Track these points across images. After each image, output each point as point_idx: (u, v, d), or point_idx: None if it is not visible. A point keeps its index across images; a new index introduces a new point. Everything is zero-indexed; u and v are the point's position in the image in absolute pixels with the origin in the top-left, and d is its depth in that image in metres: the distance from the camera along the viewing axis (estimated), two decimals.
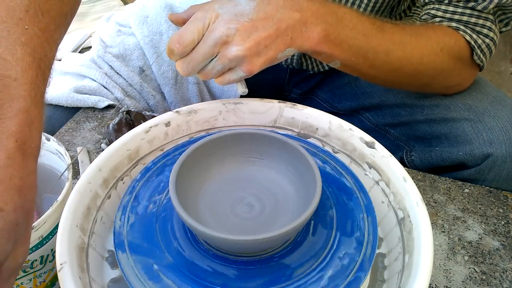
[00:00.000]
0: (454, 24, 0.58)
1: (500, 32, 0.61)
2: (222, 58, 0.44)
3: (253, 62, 0.44)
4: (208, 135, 0.43)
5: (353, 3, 0.66)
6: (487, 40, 0.59)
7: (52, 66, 0.38)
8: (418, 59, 0.56)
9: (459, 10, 0.58)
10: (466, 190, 0.60)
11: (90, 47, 0.95)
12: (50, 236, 0.43)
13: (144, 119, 0.63)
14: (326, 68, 0.78)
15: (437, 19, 0.60)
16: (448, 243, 0.52)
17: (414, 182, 0.41)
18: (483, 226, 0.55)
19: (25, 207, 0.30)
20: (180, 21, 0.50)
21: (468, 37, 0.58)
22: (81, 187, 0.40)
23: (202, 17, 0.44)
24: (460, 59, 0.59)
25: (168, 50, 0.45)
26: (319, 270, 0.36)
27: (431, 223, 0.38)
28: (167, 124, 0.49)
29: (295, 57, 0.75)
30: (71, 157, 0.54)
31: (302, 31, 0.46)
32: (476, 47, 0.59)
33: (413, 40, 0.55)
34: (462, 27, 0.58)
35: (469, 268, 0.50)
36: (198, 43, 0.44)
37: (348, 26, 0.49)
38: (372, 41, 0.51)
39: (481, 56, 0.59)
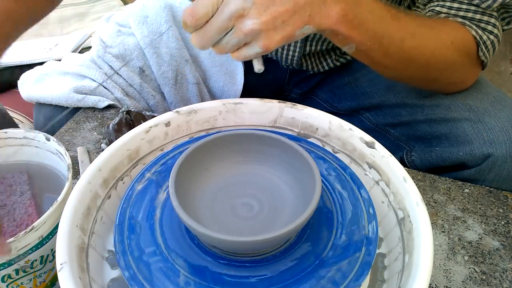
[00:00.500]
0: (459, 20, 0.59)
1: (502, 31, 0.61)
2: (237, 32, 0.42)
3: (270, 37, 0.43)
4: (208, 135, 0.43)
5: None
6: (491, 37, 0.59)
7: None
8: (430, 51, 0.56)
9: (464, 7, 0.58)
10: (466, 190, 0.60)
11: (90, 47, 0.95)
12: (50, 236, 0.43)
13: (144, 119, 0.63)
14: (326, 68, 0.78)
15: (442, 15, 0.60)
16: (448, 243, 0.52)
17: (414, 182, 0.41)
18: (483, 226, 0.55)
19: None
20: None
21: (474, 33, 0.58)
22: (81, 187, 0.40)
23: None
24: (468, 54, 0.59)
25: (183, 22, 0.44)
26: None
27: (431, 223, 0.38)
28: (167, 124, 0.49)
29: (295, 57, 0.75)
30: (71, 157, 0.54)
31: (321, 8, 0.45)
32: (481, 42, 0.59)
33: (426, 31, 0.55)
34: (467, 22, 0.58)
35: (469, 268, 0.50)
36: (212, 16, 0.43)
37: (366, 9, 0.49)
38: (388, 27, 0.51)
39: (486, 52, 0.60)
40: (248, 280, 0.35)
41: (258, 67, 0.47)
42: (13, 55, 1.14)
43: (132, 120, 0.64)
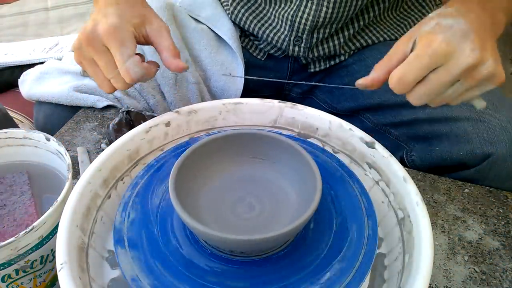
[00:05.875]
0: None
1: None
2: (471, 81, 0.41)
3: (500, 71, 0.41)
4: (208, 135, 0.43)
5: None
6: None
7: None
8: None
9: None
10: (466, 190, 0.60)
11: None
12: (50, 236, 0.43)
13: (144, 119, 0.63)
14: (327, 65, 0.78)
15: None
16: (448, 243, 0.52)
17: (414, 182, 0.41)
18: (483, 226, 0.55)
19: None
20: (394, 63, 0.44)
21: None
22: (81, 187, 0.40)
23: (426, 54, 0.40)
24: None
25: (390, 85, 0.42)
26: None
27: (431, 223, 0.38)
28: (167, 124, 0.49)
29: (302, 45, 0.74)
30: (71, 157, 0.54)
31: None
32: None
33: None
34: None
35: (469, 268, 0.50)
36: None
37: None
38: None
39: None
40: (247, 280, 0.35)
41: (482, 103, 0.45)
42: (13, 55, 1.14)
43: (132, 120, 0.64)
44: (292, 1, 0.70)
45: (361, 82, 0.44)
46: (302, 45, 0.74)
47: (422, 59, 0.39)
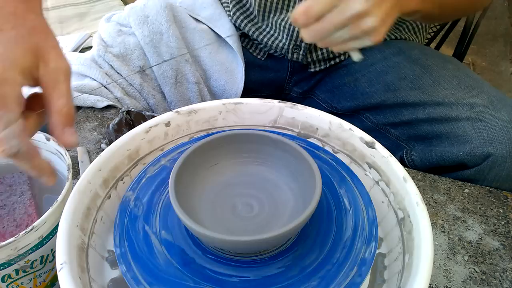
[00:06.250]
0: None
1: None
2: (355, 29, 0.44)
3: (381, 32, 0.45)
4: (208, 135, 0.43)
5: None
6: None
7: None
8: None
9: None
10: (466, 190, 0.60)
11: (90, 47, 0.95)
12: (50, 236, 0.43)
13: (144, 119, 0.64)
14: (327, 65, 0.78)
15: None
16: (448, 243, 0.52)
17: (414, 182, 0.41)
18: (483, 226, 0.55)
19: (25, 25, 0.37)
20: None
21: None
22: (81, 187, 0.40)
23: None
24: None
25: (292, 18, 0.45)
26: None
27: (431, 223, 0.38)
28: (167, 124, 0.49)
29: (301, 52, 0.75)
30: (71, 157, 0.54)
31: None
32: None
33: None
34: None
35: (469, 268, 0.50)
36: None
37: None
38: None
39: None
40: (247, 280, 0.35)
41: (359, 56, 0.50)
42: None
43: (132, 120, 0.64)
44: (289, 10, 0.70)
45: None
46: (301, 52, 0.74)
47: None
